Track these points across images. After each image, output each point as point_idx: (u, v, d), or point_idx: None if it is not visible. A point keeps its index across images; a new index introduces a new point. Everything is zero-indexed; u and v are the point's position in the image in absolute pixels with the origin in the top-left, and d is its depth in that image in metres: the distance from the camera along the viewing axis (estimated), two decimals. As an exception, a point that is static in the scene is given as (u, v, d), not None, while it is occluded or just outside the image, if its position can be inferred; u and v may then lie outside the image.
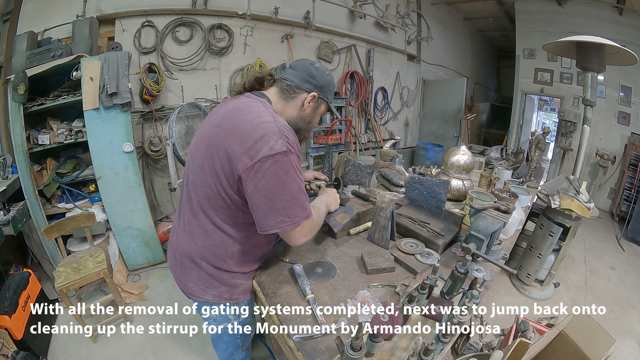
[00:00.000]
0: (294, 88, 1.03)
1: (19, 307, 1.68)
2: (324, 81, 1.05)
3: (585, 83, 2.05)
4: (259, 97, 1.01)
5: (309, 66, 1.04)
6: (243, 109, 0.94)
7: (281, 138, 0.87)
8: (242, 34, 3.42)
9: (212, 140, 0.94)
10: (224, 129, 0.92)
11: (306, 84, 1.03)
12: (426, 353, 0.83)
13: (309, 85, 1.03)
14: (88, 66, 2.22)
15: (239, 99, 1.03)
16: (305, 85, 1.03)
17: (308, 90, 1.03)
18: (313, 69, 1.04)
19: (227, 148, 0.89)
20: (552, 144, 5.36)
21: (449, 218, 1.67)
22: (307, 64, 1.05)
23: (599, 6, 4.31)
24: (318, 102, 1.07)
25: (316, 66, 1.05)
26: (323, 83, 1.05)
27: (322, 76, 1.05)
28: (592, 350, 0.99)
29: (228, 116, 0.95)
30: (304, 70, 1.04)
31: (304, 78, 1.03)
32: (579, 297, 2.58)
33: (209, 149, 0.94)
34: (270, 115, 0.92)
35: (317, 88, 1.04)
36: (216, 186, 0.94)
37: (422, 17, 5.49)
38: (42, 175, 2.43)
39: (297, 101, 1.04)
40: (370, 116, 4.90)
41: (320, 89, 1.05)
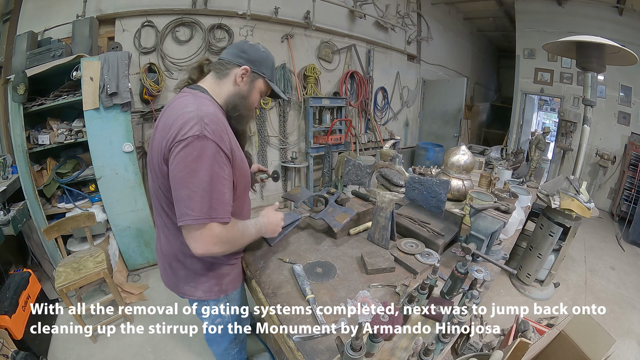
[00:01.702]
0: (226, 64, 1.03)
1: (19, 307, 1.68)
2: (256, 55, 1.04)
3: (585, 83, 2.05)
4: (193, 89, 1.01)
5: (242, 44, 1.05)
6: (174, 105, 0.94)
7: (197, 124, 0.83)
8: (242, 34, 3.42)
9: (152, 142, 0.97)
10: (158, 129, 0.94)
11: (238, 58, 1.03)
12: (426, 353, 0.83)
13: (240, 59, 1.02)
14: (88, 66, 2.22)
15: (176, 96, 1.01)
16: (237, 60, 1.02)
17: (239, 65, 1.02)
18: (246, 45, 1.05)
19: (157, 144, 0.90)
20: (552, 144, 5.37)
21: (449, 218, 1.67)
22: (241, 42, 1.07)
23: (599, 6, 4.31)
24: (252, 76, 1.04)
25: (250, 43, 1.06)
26: (256, 57, 1.03)
27: (255, 51, 1.04)
28: (592, 350, 0.99)
29: (162, 116, 0.96)
30: (236, 47, 1.05)
31: (235, 53, 1.03)
32: (579, 297, 2.58)
33: (150, 151, 0.98)
34: (195, 104, 0.89)
35: (249, 62, 1.03)
36: (163, 184, 0.93)
37: (422, 17, 5.49)
38: (42, 175, 2.43)
39: (230, 77, 1.02)
40: (370, 116, 4.90)
41: (253, 63, 1.03)
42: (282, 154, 4.09)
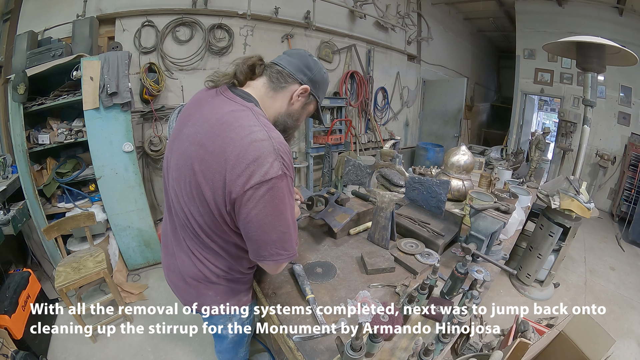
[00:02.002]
0: (286, 76, 0.90)
1: (19, 307, 1.68)
2: (319, 77, 0.95)
3: (585, 83, 2.05)
4: (246, 101, 0.84)
5: (306, 56, 0.93)
6: (231, 124, 0.77)
7: (277, 160, 0.74)
8: (242, 33, 3.42)
9: (198, 165, 0.79)
10: (210, 151, 0.77)
11: (300, 74, 0.91)
12: (426, 353, 0.83)
13: (303, 76, 0.91)
14: (88, 66, 2.22)
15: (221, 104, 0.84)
16: (299, 75, 0.91)
17: (301, 82, 0.91)
18: (311, 60, 0.93)
19: (217, 174, 0.76)
20: (552, 144, 5.36)
21: (449, 218, 1.67)
22: (305, 54, 0.94)
23: (599, 6, 4.31)
24: (309, 98, 0.95)
25: (314, 59, 0.95)
26: (319, 78, 0.95)
27: (319, 71, 0.94)
28: (592, 350, 0.99)
29: (213, 133, 0.78)
30: (300, 58, 0.92)
31: (298, 67, 0.91)
32: (579, 297, 2.58)
33: (195, 174, 0.80)
34: (263, 129, 0.77)
35: (311, 82, 0.93)
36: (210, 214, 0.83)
37: (422, 17, 5.49)
38: (42, 175, 2.43)
39: (287, 92, 0.91)
40: (370, 116, 4.90)
41: (314, 84, 0.94)
42: (282, 154, 4.08)
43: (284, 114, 0.93)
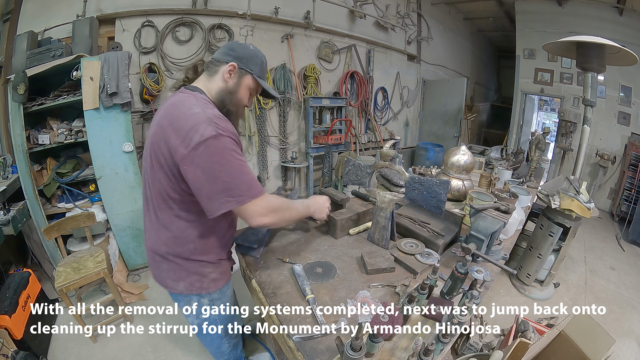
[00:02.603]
0: (215, 62, 1.09)
1: (19, 307, 1.68)
2: (244, 52, 1.08)
3: (585, 83, 2.05)
4: (192, 90, 1.05)
5: (231, 43, 1.13)
6: (177, 105, 0.98)
7: (210, 125, 0.90)
8: (242, 33, 3.42)
9: (154, 138, 0.99)
10: (162, 126, 0.96)
11: (225, 56, 1.08)
12: (426, 353, 0.83)
13: (228, 56, 1.08)
14: (88, 66, 2.21)
15: (176, 95, 1.05)
16: (225, 57, 1.08)
17: (227, 62, 1.07)
18: (235, 44, 1.11)
19: (166, 142, 0.94)
20: (552, 144, 5.36)
21: (449, 218, 1.67)
22: (231, 42, 1.15)
23: (599, 6, 4.31)
24: (240, 72, 1.08)
25: (239, 42, 1.13)
26: (243, 54, 1.08)
27: (243, 48, 1.09)
28: (592, 350, 0.99)
29: (165, 113, 0.99)
30: (226, 46, 1.11)
31: (224, 52, 1.09)
32: (579, 297, 2.58)
33: (152, 146, 1.00)
34: (200, 106, 0.95)
35: (237, 59, 1.07)
36: (164, 180, 0.99)
37: (422, 17, 5.49)
38: (42, 175, 2.43)
39: (219, 74, 1.07)
40: (370, 116, 4.90)
41: (240, 60, 1.07)
42: (282, 154, 4.09)
43: (223, 92, 1.08)
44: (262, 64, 1.13)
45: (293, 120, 4.06)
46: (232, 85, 1.08)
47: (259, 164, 3.93)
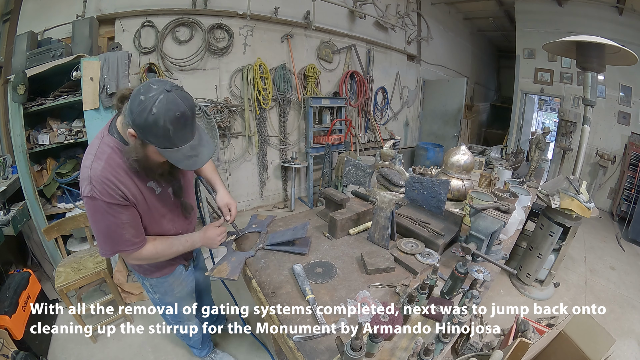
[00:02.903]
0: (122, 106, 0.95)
1: (19, 307, 1.68)
2: (142, 121, 0.84)
3: (585, 83, 2.05)
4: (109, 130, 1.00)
5: (136, 95, 0.85)
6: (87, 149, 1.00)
7: (88, 185, 0.93)
8: (242, 34, 3.42)
9: None
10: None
11: (128, 116, 0.88)
12: (426, 353, 0.83)
13: (128, 118, 0.88)
14: (88, 66, 2.21)
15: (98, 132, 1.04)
16: (127, 118, 0.89)
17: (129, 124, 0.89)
18: (136, 101, 0.84)
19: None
20: (552, 143, 5.36)
21: (449, 218, 1.67)
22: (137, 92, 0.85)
23: (599, 6, 4.30)
24: (140, 141, 0.90)
25: (140, 99, 0.83)
26: (141, 123, 0.84)
27: (141, 113, 0.83)
28: (592, 350, 0.99)
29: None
30: (132, 98, 0.86)
31: (127, 108, 0.88)
32: (579, 297, 2.58)
33: None
34: (93, 157, 0.95)
35: (135, 126, 0.87)
36: None
37: (422, 17, 5.49)
38: (42, 175, 2.43)
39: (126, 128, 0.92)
40: (370, 116, 4.90)
41: (138, 128, 0.86)
42: (282, 154, 4.09)
43: (131, 150, 0.94)
44: (167, 132, 0.85)
45: (293, 120, 4.06)
46: (139, 151, 0.93)
47: (259, 164, 3.93)
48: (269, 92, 3.60)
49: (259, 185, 4.05)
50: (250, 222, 1.71)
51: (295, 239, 1.45)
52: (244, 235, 1.58)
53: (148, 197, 1.08)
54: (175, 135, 0.88)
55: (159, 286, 1.36)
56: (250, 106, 3.55)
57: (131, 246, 1.07)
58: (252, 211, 3.97)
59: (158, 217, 1.16)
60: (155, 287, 1.36)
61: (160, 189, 1.12)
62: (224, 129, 3.47)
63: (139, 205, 1.06)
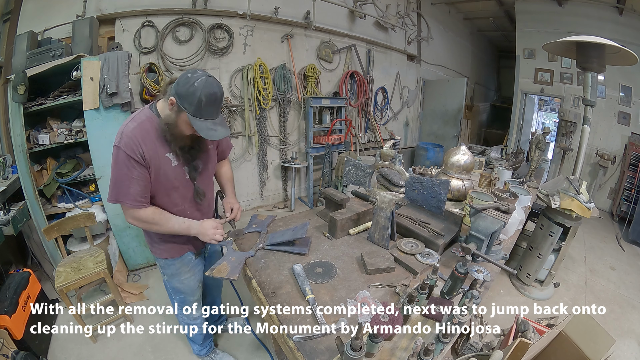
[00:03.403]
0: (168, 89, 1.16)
1: (19, 307, 1.68)
2: (184, 90, 1.07)
3: (585, 83, 2.05)
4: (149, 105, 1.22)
5: (184, 74, 1.10)
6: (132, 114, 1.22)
7: (119, 136, 1.12)
8: (242, 34, 3.42)
9: None
10: None
11: (173, 87, 1.11)
12: (426, 353, 0.83)
13: (173, 89, 1.11)
14: (88, 66, 2.21)
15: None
16: (172, 89, 1.11)
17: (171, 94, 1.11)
18: (184, 76, 1.09)
19: None
20: (552, 144, 5.37)
21: (449, 218, 1.67)
22: (186, 72, 1.11)
23: (599, 6, 4.31)
24: (177, 107, 1.10)
25: (188, 76, 1.09)
26: (183, 91, 1.07)
27: (185, 84, 1.07)
28: (592, 350, 0.99)
29: None
30: (180, 76, 1.11)
31: (175, 83, 1.11)
32: (579, 297, 2.58)
33: None
34: (129, 121, 1.16)
35: (177, 95, 1.09)
36: None
37: (422, 17, 5.50)
38: (42, 175, 2.43)
39: (167, 102, 1.13)
40: (370, 116, 4.90)
41: (179, 97, 1.08)
42: (282, 154, 4.09)
43: (167, 119, 1.15)
44: (201, 104, 1.07)
45: (293, 120, 4.06)
46: (172, 117, 1.13)
47: (259, 164, 3.93)
48: (269, 92, 3.60)
49: (259, 185, 4.05)
50: (250, 222, 1.71)
51: (295, 239, 1.45)
52: (244, 236, 1.59)
53: (163, 165, 1.20)
54: (205, 107, 1.08)
55: (167, 268, 1.46)
56: (250, 106, 3.55)
57: (132, 202, 1.17)
58: (252, 211, 3.97)
59: (168, 187, 1.26)
60: (164, 268, 1.48)
61: (177, 163, 1.24)
62: (224, 129, 3.47)
63: (152, 170, 1.18)
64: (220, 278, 1.28)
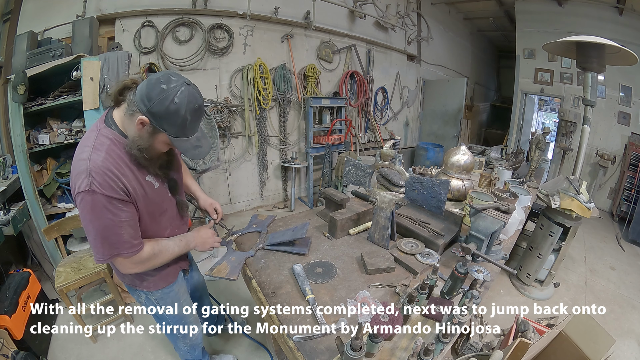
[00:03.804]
0: (132, 104, 0.92)
1: (19, 307, 1.68)
2: (162, 109, 0.87)
3: (585, 83, 2.05)
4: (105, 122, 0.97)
5: (155, 84, 0.88)
6: (81, 140, 0.97)
7: (87, 177, 0.87)
8: (242, 34, 3.42)
9: None
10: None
11: (140, 103, 0.89)
12: (426, 353, 0.83)
13: (143, 106, 0.89)
14: (88, 66, 2.21)
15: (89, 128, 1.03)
16: (140, 104, 0.89)
17: (139, 112, 0.90)
18: (157, 89, 0.87)
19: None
20: (552, 144, 5.37)
21: (449, 218, 1.67)
22: (156, 81, 0.88)
23: (599, 6, 4.31)
24: (151, 128, 0.92)
25: (162, 87, 0.87)
26: (160, 111, 0.87)
27: (162, 101, 0.87)
28: (592, 350, 0.99)
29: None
30: (148, 86, 0.88)
31: (141, 96, 0.89)
32: (579, 297, 2.58)
33: None
34: (90, 149, 0.91)
35: (150, 114, 0.89)
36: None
37: (422, 17, 5.50)
38: (42, 175, 2.43)
39: (134, 119, 0.91)
40: (370, 116, 4.90)
41: (154, 116, 0.89)
42: (282, 154, 4.09)
43: (135, 141, 0.94)
44: (185, 122, 0.91)
45: (293, 120, 4.06)
46: (144, 138, 0.94)
47: (259, 164, 3.93)
48: (269, 92, 3.60)
49: (259, 185, 4.05)
50: (250, 222, 1.71)
51: (295, 239, 1.45)
52: (244, 235, 1.58)
53: (148, 191, 1.04)
54: (189, 125, 0.93)
55: (166, 298, 1.26)
56: (250, 106, 3.55)
57: (130, 249, 0.98)
58: (252, 211, 3.97)
59: (158, 214, 1.11)
60: (161, 299, 1.25)
61: (158, 184, 1.08)
62: (224, 129, 3.47)
63: (139, 201, 1.00)
64: (218, 278, 1.28)
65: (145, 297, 1.24)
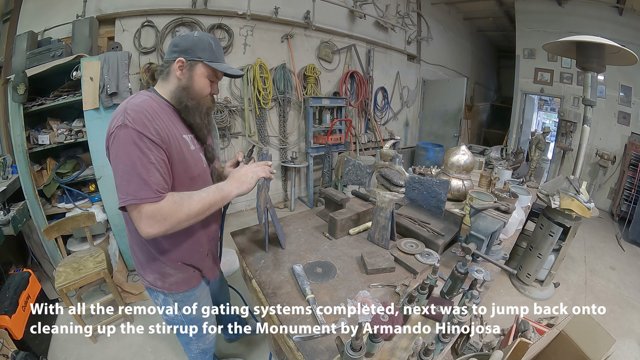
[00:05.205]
0: (164, 64, 1.07)
1: (19, 307, 1.68)
2: (187, 43, 1.02)
3: (585, 83, 2.05)
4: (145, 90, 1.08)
5: (175, 39, 1.06)
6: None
7: (121, 115, 0.90)
8: (242, 33, 3.42)
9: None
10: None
11: (170, 54, 1.04)
12: (426, 353, 0.83)
13: (173, 54, 1.04)
14: (88, 66, 2.21)
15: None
16: (170, 56, 1.04)
17: (174, 59, 1.03)
18: (177, 38, 1.05)
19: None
20: (552, 144, 5.37)
21: (449, 218, 1.67)
22: (175, 38, 1.06)
23: (599, 6, 4.31)
24: (189, 65, 1.04)
25: (182, 35, 1.06)
26: (186, 45, 1.02)
27: (185, 39, 1.03)
28: (592, 350, 0.99)
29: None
30: (170, 44, 1.06)
31: (169, 51, 1.05)
32: (579, 297, 2.58)
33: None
34: (132, 97, 0.98)
35: (182, 53, 1.03)
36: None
37: (422, 17, 5.50)
38: (42, 175, 2.43)
39: (172, 74, 1.05)
40: (370, 116, 4.90)
41: (186, 52, 1.03)
42: (282, 154, 4.09)
43: (178, 89, 1.05)
44: (212, 47, 1.05)
45: (293, 120, 4.06)
46: (185, 80, 1.05)
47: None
48: (269, 92, 3.60)
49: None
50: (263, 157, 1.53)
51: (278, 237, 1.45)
52: None
53: (184, 148, 1.03)
54: (216, 49, 1.07)
55: (187, 300, 1.22)
56: (250, 106, 3.55)
57: (153, 194, 0.88)
58: (252, 211, 3.97)
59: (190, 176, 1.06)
60: (181, 302, 1.21)
61: (195, 147, 1.09)
62: (224, 129, 3.48)
63: (172, 153, 0.97)
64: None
65: (164, 297, 1.19)
